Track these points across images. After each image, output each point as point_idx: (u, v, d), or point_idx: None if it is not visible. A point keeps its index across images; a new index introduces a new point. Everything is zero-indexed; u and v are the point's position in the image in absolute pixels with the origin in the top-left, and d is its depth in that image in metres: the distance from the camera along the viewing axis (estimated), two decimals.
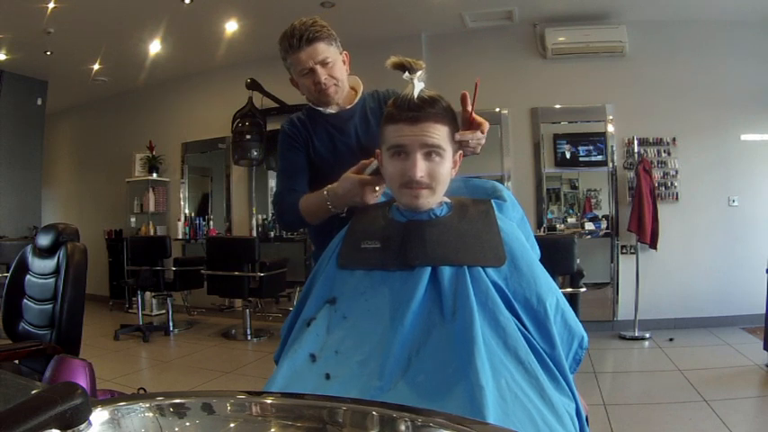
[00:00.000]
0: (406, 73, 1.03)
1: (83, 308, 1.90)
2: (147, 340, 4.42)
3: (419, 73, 1.03)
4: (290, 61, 1.36)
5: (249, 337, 4.53)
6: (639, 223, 4.17)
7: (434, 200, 1.03)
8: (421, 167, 0.99)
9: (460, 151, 1.10)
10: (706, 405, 2.59)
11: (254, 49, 5.04)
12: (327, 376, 0.88)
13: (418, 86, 1.01)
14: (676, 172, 4.43)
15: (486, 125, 1.19)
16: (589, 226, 4.55)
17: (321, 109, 1.44)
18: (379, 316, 0.93)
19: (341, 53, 1.40)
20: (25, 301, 2.02)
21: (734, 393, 2.78)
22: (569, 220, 4.68)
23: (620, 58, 4.47)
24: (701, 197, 4.40)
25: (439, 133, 1.00)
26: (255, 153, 4.99)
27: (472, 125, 1.18)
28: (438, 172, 1.01)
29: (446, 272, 0.93)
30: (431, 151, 1.00)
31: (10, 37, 4.55)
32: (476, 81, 1.16)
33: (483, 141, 1.20)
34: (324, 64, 1.34)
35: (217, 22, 4.51)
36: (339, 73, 1.38)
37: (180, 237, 5.66)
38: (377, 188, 1.18)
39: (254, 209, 5.52)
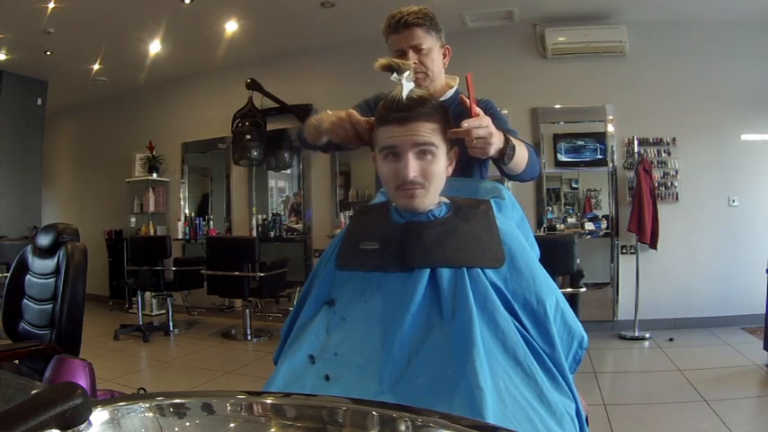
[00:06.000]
0: (394, 74, 1.02)
1: (83, 308, 1.90)
2: (147, 340, 4.42)
3: (407, 73, 1.02)
4: (389, 42, 1.38)
5: (249, 337, 4.53)
6: (639, 223, 4.16)
7: (429, 199, 1.02)
8: (413, 167, 0.98)
9: (456, 147, 1.07)
10: (706, 405, 2.59)
11: (254, 49, 5.04)
12: (327, 377, 0.88)
13: (407, 87, 1.00)
14: (676, 172, 4.42)
15: (479, 120, 1.02)
16: (589, 226, 4.55)
17: None
18: (378, 318, 0.93)
19: (441, 46, 1.40)
20: (25, 301, 2.02)
21: (734, 393, 2.78)
22: (569, 220, 4.68)
23: (620, 58, 4.47)
24: (700, 197, 4.40)
25: (429, 132, 0.99)
26: (255, 153, 5.00)
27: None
28: (431, 171, 0.99)
29: (445, 273, 0.93)
30: (423, 150, 0.99)
31: (10, 37, 4.54)
32: (466, 77, 1.12)
33: (492, 140, 1.03)
34: (417, 50, 1.33)
35: (217, 22, 4.50)
36: (432, 63, 1.37)
37: (180, 237, 5.66)
38: (342, 129, 1.12)
39: (254, 209, 5.52)
